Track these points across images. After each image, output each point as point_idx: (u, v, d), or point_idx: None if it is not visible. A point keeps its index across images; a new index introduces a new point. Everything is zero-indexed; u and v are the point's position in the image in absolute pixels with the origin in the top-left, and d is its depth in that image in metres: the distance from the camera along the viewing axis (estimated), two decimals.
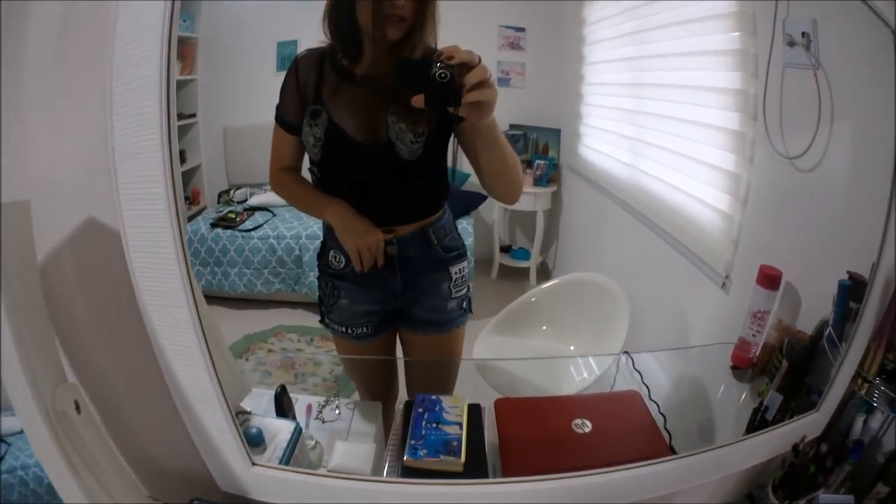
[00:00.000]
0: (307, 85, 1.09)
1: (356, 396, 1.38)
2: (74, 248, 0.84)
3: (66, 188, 0.83)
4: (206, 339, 0.74)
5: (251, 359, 1.80)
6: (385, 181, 1.11)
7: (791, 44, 1.20)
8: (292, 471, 0.87)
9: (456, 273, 1.24)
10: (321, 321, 1.31)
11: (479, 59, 0.87)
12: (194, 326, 0.73)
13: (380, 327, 1.28)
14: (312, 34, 1.09)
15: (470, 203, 2.22)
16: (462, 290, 1.26)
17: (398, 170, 1.08)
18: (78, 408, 0.71)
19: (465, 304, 1.29)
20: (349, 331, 1.26)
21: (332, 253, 1.21)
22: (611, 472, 0.91)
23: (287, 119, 1.12)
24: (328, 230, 1.20)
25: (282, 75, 1.21)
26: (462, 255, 1.25)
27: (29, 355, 0.66)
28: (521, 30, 2.38)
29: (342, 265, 1.20)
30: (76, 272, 0.86)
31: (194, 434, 0.83)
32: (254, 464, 0.84)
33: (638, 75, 1.97)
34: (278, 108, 1.13)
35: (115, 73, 0.66)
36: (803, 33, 1.16)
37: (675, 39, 1.68)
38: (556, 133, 2.58)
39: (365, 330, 1.26)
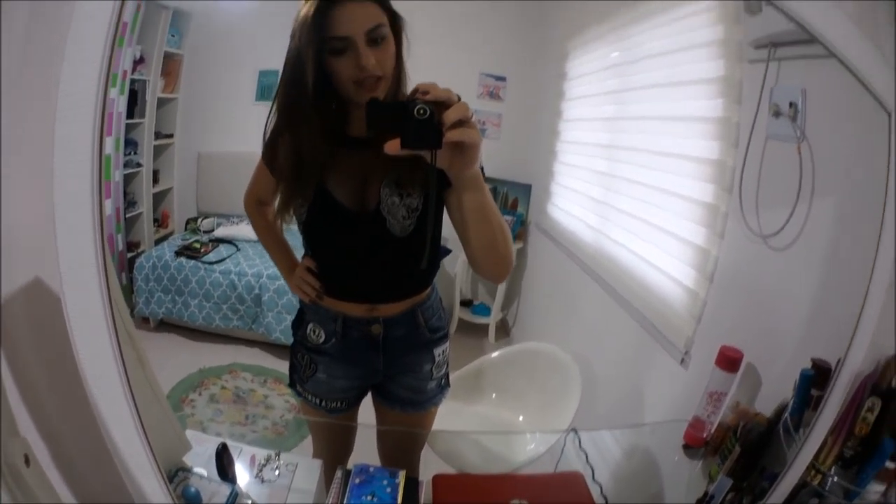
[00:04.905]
0: None
1: (305, 444, 1.34)
2: (28, 306, 0.82)
3: (22, 244, 0.80)
4: (139, 415, 0.73)
5: (204, 394, 1.77)
6: (374, 256, 1.04)
7: (777, 114, 1.16)
8: None
9: (439, 355, 1.18)
10: (290, 385, 1.25)
11: (458, 97, 0.78)
12: (127, 402, 0.72)
13: (354, 401, 1.24)
14: None
15: None
16: (443, 369, 1.21)
17: (388, 245, 1.01)
18: (27, 461, 0.74)
19: (443, 381, 1.24)
20: (324, 404, 1.21)
21: (310, 326, 1.15)
22: None
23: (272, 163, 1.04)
24: (304, 303, 1.16)
25: (261, 105, 1.15)
26: (446, 336, 1.20)
27: None
28: (502, 79, 2.37)
29: (321, 340, 1.14)
30: (29, 330, 0.83)
31: (136, 497, 0.80)
32: None
33: (615, 137, 1.94)
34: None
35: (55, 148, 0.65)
36: (791, 103, 1.12)
37: (658, 102, 1.64)
38: (527, 189, 2.56)
39: (339, 405, 1.22)
